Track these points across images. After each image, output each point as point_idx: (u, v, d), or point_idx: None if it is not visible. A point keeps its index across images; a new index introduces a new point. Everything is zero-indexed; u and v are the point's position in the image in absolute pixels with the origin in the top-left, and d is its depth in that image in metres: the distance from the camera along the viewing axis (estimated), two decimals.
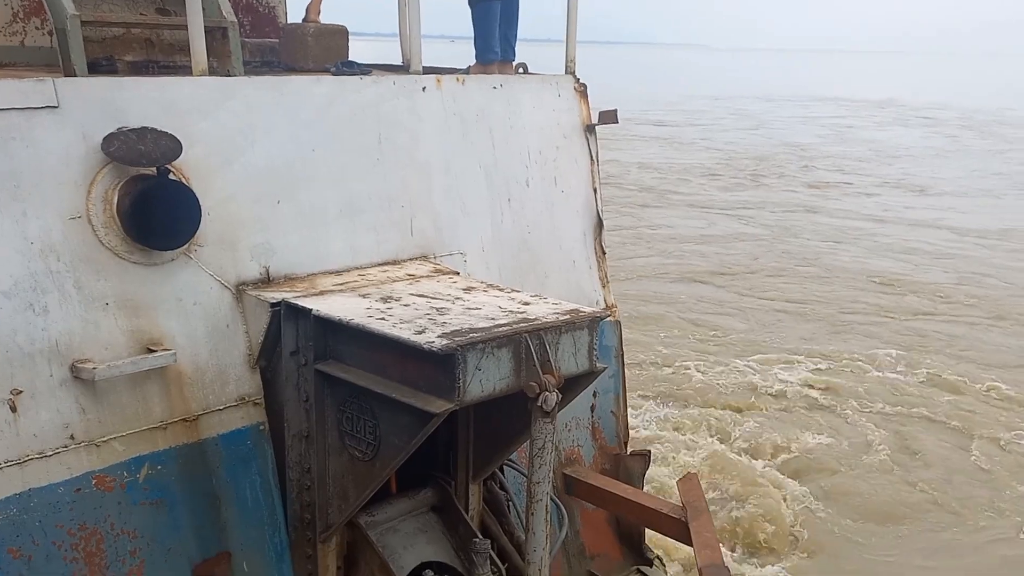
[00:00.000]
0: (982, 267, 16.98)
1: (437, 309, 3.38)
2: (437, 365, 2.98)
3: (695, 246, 18.12)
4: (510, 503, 4.25)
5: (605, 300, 5.18)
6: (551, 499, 3.31)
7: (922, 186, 26.35)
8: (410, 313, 3.33)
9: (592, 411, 5.14)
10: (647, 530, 5.17)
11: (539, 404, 3.05)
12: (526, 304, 3.44)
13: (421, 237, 4.31)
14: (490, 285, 3.81)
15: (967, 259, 17.62)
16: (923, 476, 8.75)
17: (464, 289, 3.73)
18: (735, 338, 12.67)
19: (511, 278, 4.50)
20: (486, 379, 3.01)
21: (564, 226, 5.01)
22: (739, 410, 10.16)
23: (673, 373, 11.15)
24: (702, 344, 12.37)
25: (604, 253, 5.22)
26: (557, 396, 3.07)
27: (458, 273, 4.12)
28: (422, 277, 3.96)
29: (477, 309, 3.37)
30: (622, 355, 5.31)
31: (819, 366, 11.62)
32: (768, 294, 14.94)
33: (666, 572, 5.30)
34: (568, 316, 3.26)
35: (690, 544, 4.33)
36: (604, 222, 5.22)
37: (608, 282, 5.24)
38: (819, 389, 10.87)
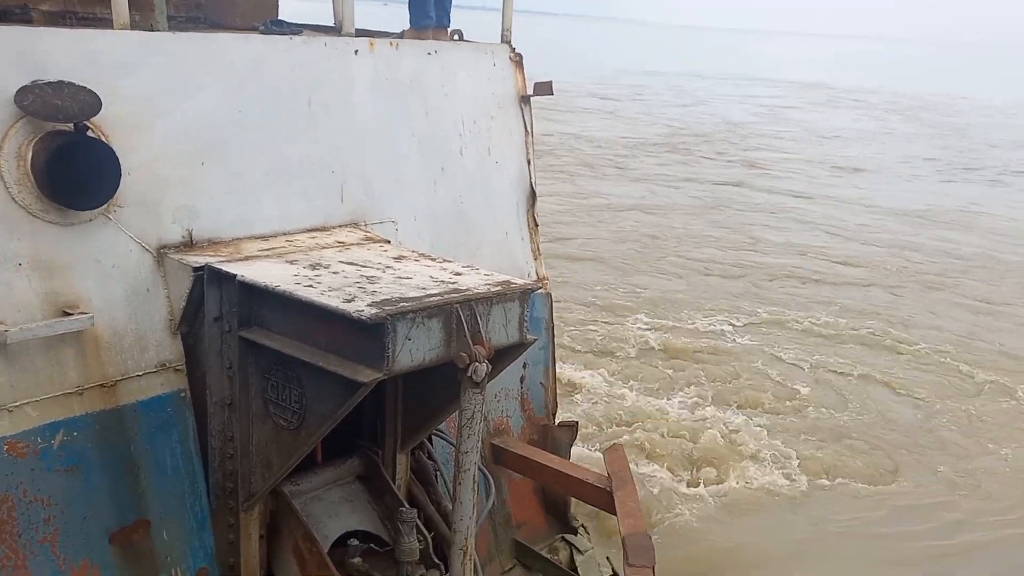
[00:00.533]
0: (904, 242, 17.66)
1: (367, 277, 3.35)
2: (366, 334, 2.95)
3: (630, 213, 18.45)
4: (438, 473, 4.26)
5: (537, 272, 5.21)
6: (479, 469, 3.34)
7: (849, 166, 27.09)
8: (339, 281, 3.29)
9: (521, 382, 5.18)
10: (573, 499, 5.26)
11: (469, 375, 3.05)
12: (458, 274, 3.43)
13: (352, 204, 4.25)
14: (421, 255, 3.79)
15: (891, 234, 18.32)
16: (862, 429, 9.24)
17: (395, 258, 3.70)
18: (665, 296, 13.04)
19: (443, 248, 4.49)
20: (416, 349, 3.00)
21: (497, 197, 5.01)
22: (673, 357, 10.49)
23: (608, 326, 11.38)
24: (633, 300, 12.70)
25: (536, 225, 5.23)
26: (487, 367, 3.08)
27: (389, 242, 4.09)
28: (352, 245, 3.91)
29: (408, 278, 3.35)
30: (552, 327, 5.36)
31: (750, 321, 12.06)
32: (697, 258, 15.38)
33: (590, 540, 5.39)
34: (500, 287, 3.27)
35: (614, 513, 4.42)
36: (538, 193, 5.23)
37: (540, 254, 5.26)
38: (751, 342, 11.34)
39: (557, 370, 5.50)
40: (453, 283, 3.29)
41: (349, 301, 3.02)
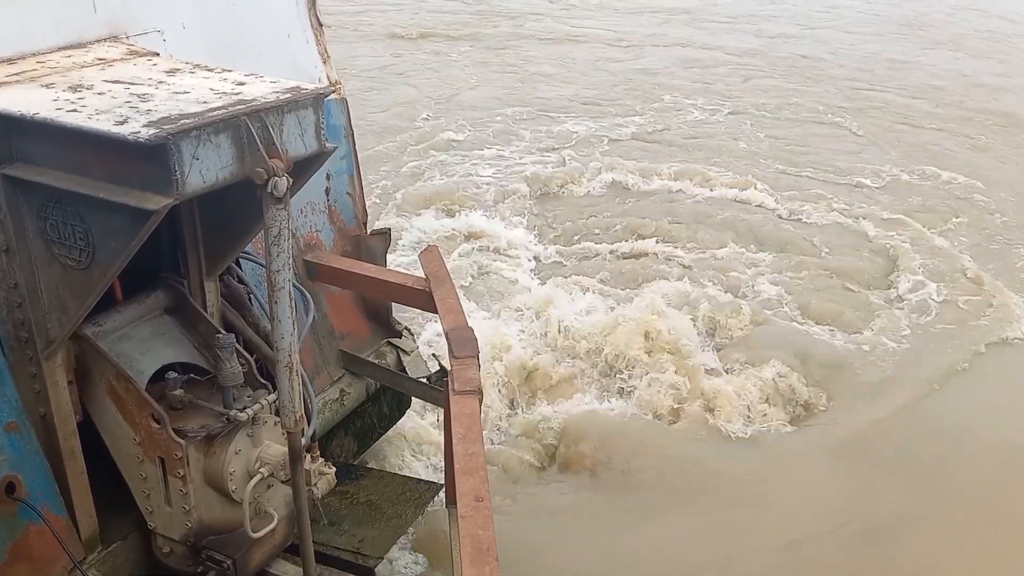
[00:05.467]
0: None
1: (138, 96, 3.06)
2: (148, 158, 2.75)
3: None
4: (251, 296, 4.18)
5: (328, 77, 4.95)
6: (294, 287, 3.29)
7: None
8: (107, 102, 2.99)
9: (327, 194, 5.05)
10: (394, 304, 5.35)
11: (269, 191, 2.93)
12: (241, 84, 3.21)
13: (107, 13, 3.81)
14: (197, 65, 3.50)
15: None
16: None
17: (167, 71, 3.39)
18: None
19: (220, 58, 4.14)
20: (206, 169, 2.83)
21: None
22: None
23: None
24: None
25: (321, 25, 4.92)
26: (287, 181, 2.96)
27: (158, 54, 3.73)
28: (115, 61, 3.54)
29: (185, 93, 3.10)
30: (352, 133, 5.19)
31: None
32: None
33: (415, 340, 5.56)
34: (289, 94, 3.09)
35: (435, 312, 4.54)
36: None
37: (329, 57, 4.99)
38: None
39: None
40: (237, 94, 3.08)
41: (122, 123, 2.77)
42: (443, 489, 4.65)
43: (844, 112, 13.14)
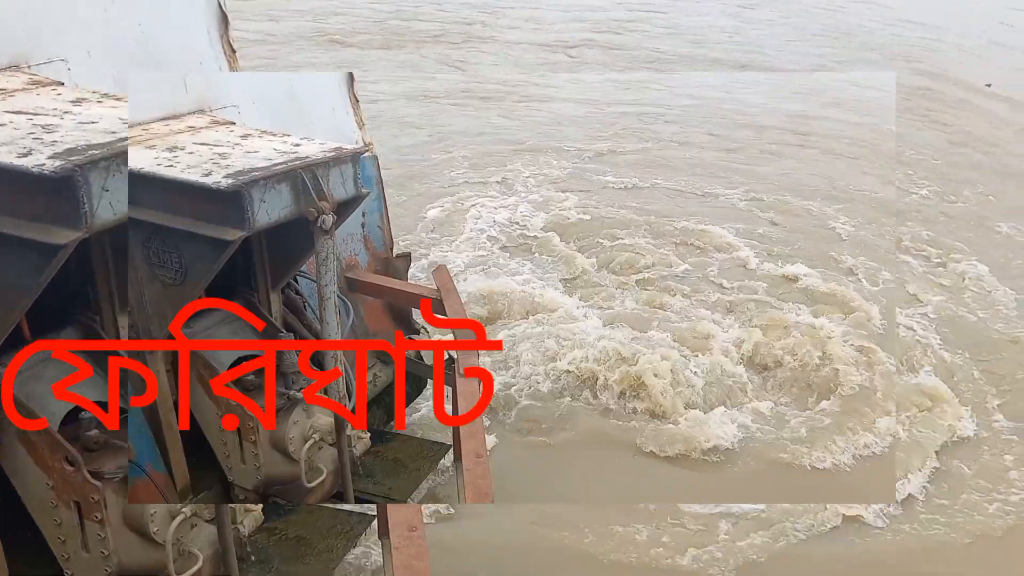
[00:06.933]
0: None
1: (43, 126, 2.47)
2: (227, 201, 2.77)
3: None
4: (306, 304, 4.23)
5: (363, 139, 5.01)
6: (338, 297, 3.34)
7: None
8: (8, 134, 2.39)
9: (363, 227, 5.11)
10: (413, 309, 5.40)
11: (319, 225, 3.00)
12: (297, 146, 3.25)
13: (8, 42, 2.99)
14: (105, 95, 2.85)
15: None
16: None
17: (71, 101, 2.77)
18: None
19: (128, 85, 3.29)
20: (271, 209, 2.87)
21: (319, 79, 4.69)
22: None
23: None
24: None
25: (357, 101, 5.00)
26: (333, 217, 3.03)
27: (62, 83, 2.97)
28: (16, 91, 2.77)
29: (93, 123, 2.54)
30: (381, 182, 5.25)
31: None
32: None
33: (430, 336, 5.61)
34: (334, 152, 3.15)
35: (445, 315, 4.62)
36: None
37: (364, 124, 5.05)
38: None
39: None
40: (294, 153, 3.12)
41: (25, 155, 2.26)
42: (374, 520, 3.51)
43: None
